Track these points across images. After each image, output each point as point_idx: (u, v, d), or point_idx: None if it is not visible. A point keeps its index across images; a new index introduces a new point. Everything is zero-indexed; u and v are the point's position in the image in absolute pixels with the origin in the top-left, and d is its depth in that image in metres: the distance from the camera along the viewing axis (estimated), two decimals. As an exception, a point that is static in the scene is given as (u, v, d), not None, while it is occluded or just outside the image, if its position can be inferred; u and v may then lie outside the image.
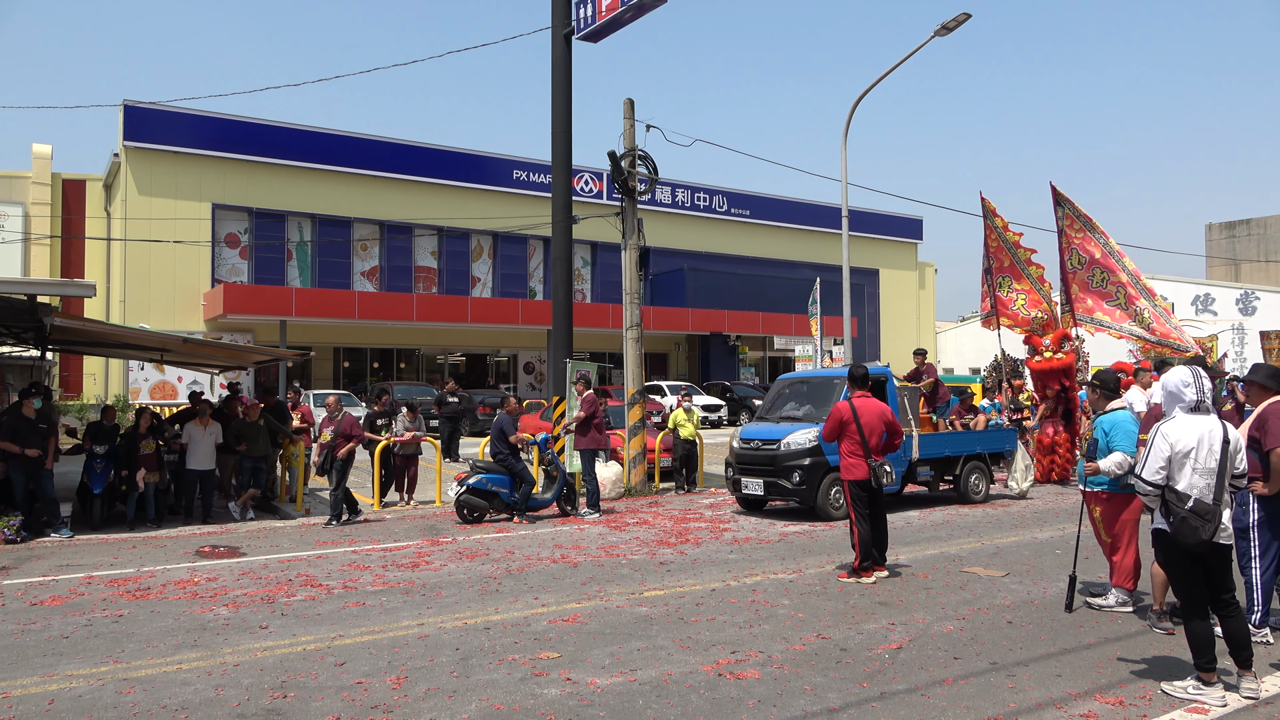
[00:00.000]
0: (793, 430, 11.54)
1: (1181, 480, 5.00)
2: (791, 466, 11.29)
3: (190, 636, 6.27)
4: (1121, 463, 6.49)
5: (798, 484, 11.22)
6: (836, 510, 11.14)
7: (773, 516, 11.83)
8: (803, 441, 11.34)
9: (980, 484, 12.97)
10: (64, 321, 11.76)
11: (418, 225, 32.75)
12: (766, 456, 11.57)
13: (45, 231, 30.08)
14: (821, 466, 11.26)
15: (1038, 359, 15.29)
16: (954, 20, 16.72)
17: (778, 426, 11.87)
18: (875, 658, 5.65)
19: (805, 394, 12.42)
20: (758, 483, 11.62)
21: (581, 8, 14.43)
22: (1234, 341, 35.89)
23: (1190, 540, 4.88)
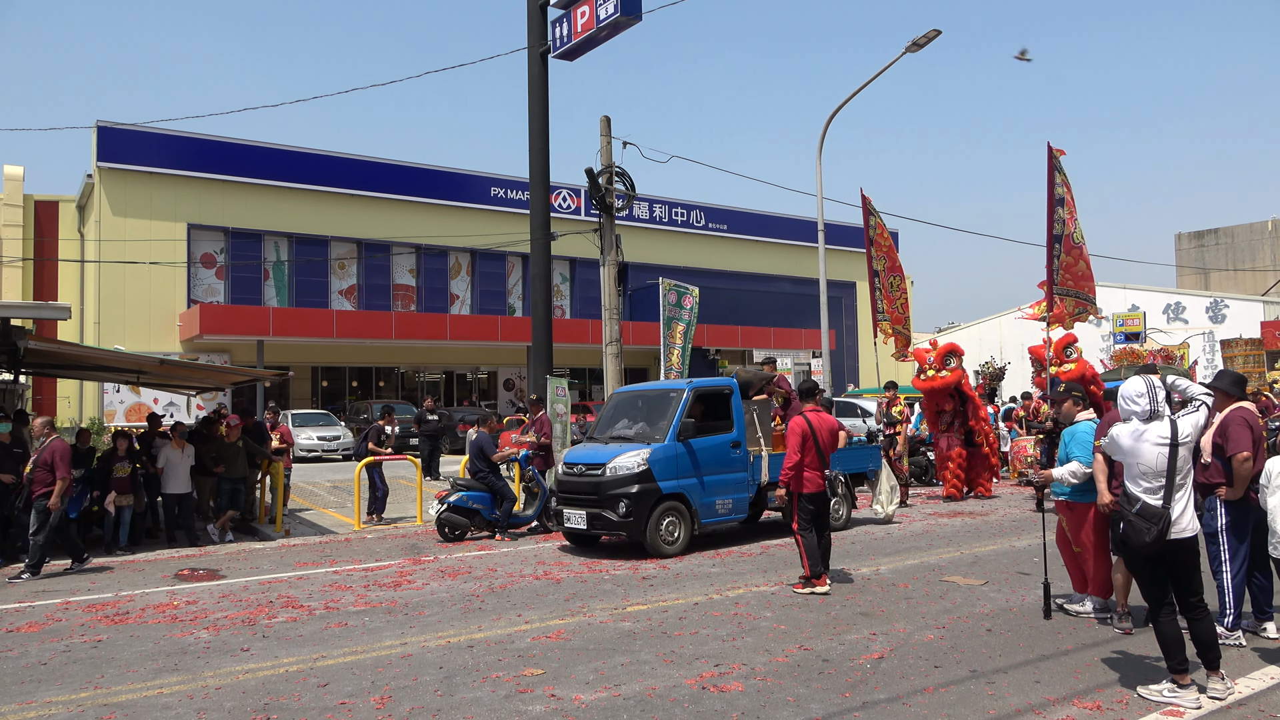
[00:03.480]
0: (619, 453, 10.00)
1: (1132, 484, 5.13)
2: (617, 495, 9.72)
3: (171, 660, 6.22)
4: (1076, 471, 6.60)
5: (624, 515, 9.68)
6: (670, 545, 9.82)
7: (754, 530, 11.86)
8: (630, 465, 9.85)
9: (840, 508, 11.40)
10: (38, 345, 11.67)
11: (395, 243, 32.67)
12: (590, 484, 9.99)
13: (17, 254, 29.73)
14: (651, 494, 9.78)
15: (922, 377, 14.61)
16: (924, 36, 16.99)
17: (606, 448, 10.35)
18: (857, 668, 5.70)
19: (640, 410, 10.82)
20: (581, 515, 10.08)
21: (557, 27, 14.54)
22: (1205, 349, 36.43)
23: (1137, 542, 5.03)
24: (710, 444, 10.35)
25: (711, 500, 10.26)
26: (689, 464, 10.10)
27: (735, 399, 10.73)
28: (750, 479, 10.68)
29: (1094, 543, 6.82)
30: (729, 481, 10.48)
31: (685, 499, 10.02)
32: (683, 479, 10.05)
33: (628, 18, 13.50)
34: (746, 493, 10.66)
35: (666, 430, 10.10)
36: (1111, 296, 40.32)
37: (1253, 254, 46.99)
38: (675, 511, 9.96)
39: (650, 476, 9.84)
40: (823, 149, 19.19)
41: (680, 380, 11.91)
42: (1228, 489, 5.97)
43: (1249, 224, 47.61)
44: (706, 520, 10.23)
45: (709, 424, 10.49)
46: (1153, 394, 5.16)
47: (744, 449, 10.58)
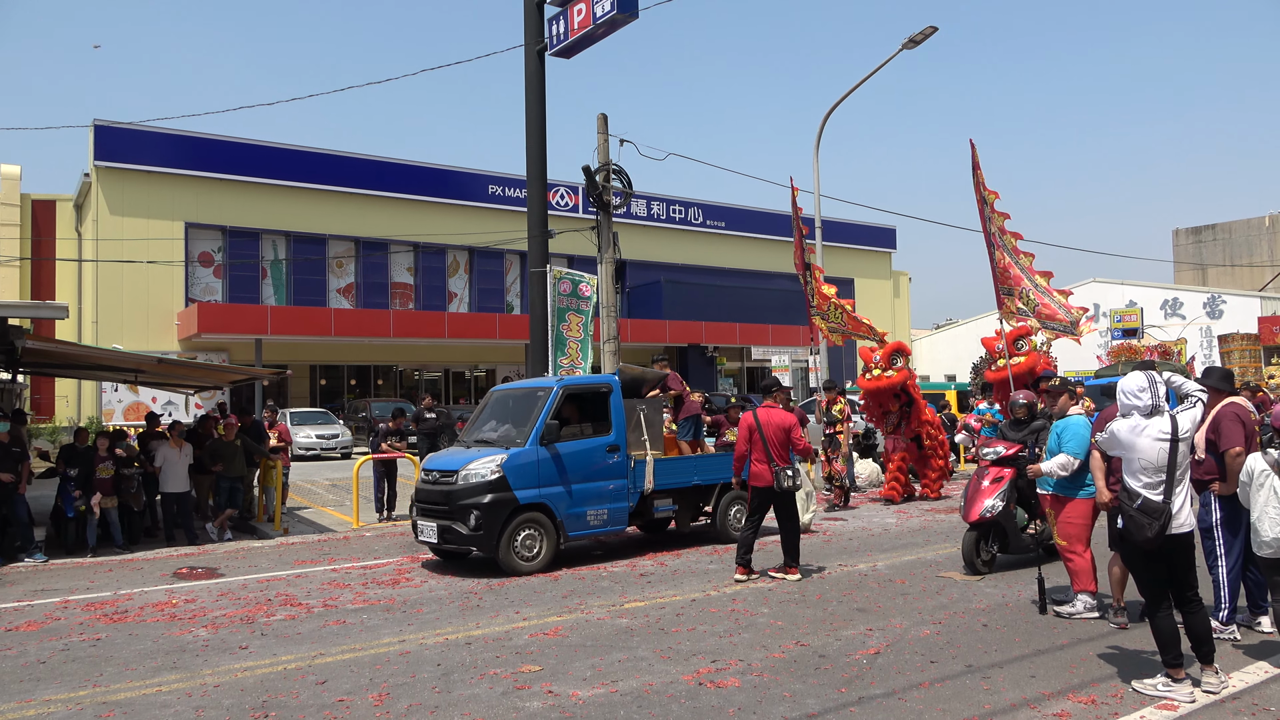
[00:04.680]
0: (475, 458, 9.12)
1: (1132, 480, 5.14)
2: (468, 505, 8.83)
3: (170, 658, 6.24)
4: (1065, 464, 6.63)
5: (474, 528, 8.76)
6: (527, 562, 8.94)
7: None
8: (483, 473, 8.93)
9: (743, 517, 10.10)
10: (36, 344, 11.68)
11: (393, 242, 32.66)
12: (442, 493, 9.09)
13: (15, 253, 29.72)
14: (506, 505, 8.86)
15: (867, 377, 14.12)
16: (921, 33, 17.00)
17: (465, 453, 9.43)
18: (853, 663, 5.73)
19: (509, 410, 9.99)
20: (433, 527, 9.15)
21: (554, 24, 14.52)
22: (1202, 344, 36.50)
23: (1138, 537, 5.03)
24: (582, 448, 9.46)
25: (581, 511, 9.34)
26: (553, 471, 9.17)
27: (615, 399, 9.78)
28: (631, 486, 9.72)
29: (1078, 537, 6.81)
30: (604, 490, 9.53)
31: (548, 509, 9.11)
32: (546, 487, 9.12)
33: (624, 15, 13.49)
34: (625, 502, 9.70)
35: (528, 433, 9.20)
36: (1109, 292, 40.43)
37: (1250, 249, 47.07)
38: (535, 523, 9.02)
39: (505, 485, 8.90)
40: (820, 146, 19.21)
41: (550, 378, 11.16)
42: (1221, 484, 6.00)
43: (1246, 219, 47.70)
44: (575, 533, 9.36)
45: (582, 426, 9.70)
46: (1154, 389, 5.17)
47: (623, 454, 9.70)
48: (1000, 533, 8.20)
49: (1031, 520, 8.39)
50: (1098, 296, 40.51)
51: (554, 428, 9.28)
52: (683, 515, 10.48)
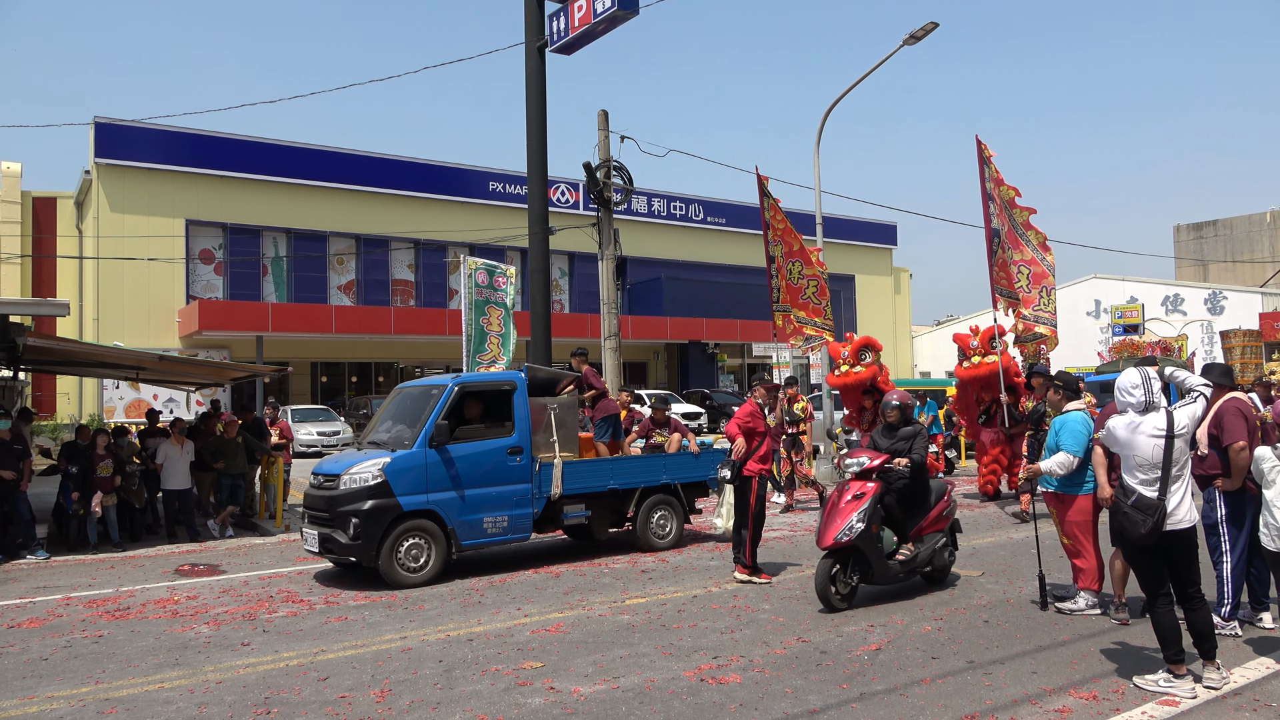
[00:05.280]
0: (358, 461, 8.57)
1: (1129, 476, 5.15)
2: (347, 513, 8.25)
3: (171, 655, 6.25)
4: (1064, 462, 6.61)
5: (353, 537, 8.17)
6: (413, 573, 8.35)
7: (753, 523, 11.88)
8: (364, 477, 8.33)
9: (667, 524, 10.04)
10: (37, 341, 11.69)
11: (394, 238, 32.66)
12: (325, 499, 8.52)
13: (16, 250, 29.73)
14: (388, 512, 8.27)
15: (836, 373, 13.75)
16: (922, 29, 16.96)
17: (353, 456, 8.93)
18: (855, 659, 5.73)
19: (405, 409, 9.35)
20: (315, 535, 8.58)
21: (555, 21, 14.52)
22: (1203, 340, 36.47)
23: (1132, 534, 5.05)
24: (478, 451, 8.81)
25: (477, 518, 8.71)
26: (444, 475, 8.57)
27: (519, 398, 9.16)
28: (536, 491, 9.07)
29: (1085, 535, 6.79)
30: (503, 495, 8.90)
31: (438, 517, 8.52)
32: (435, 493, 8.51)
33: (625, 11, 13.49)
34: (529, 508, 9.05)
35: (417, 435, 8.61)
36: (1110, 288, 40.39)
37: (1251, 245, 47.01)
38: (422, 532, 8.43)
39: (387, 490, 8.31)
40: (820, 142, 19.19)
41: (446, 375, 10.20)
42: (1225, 480, 6.00)
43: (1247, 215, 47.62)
44: (469, 541, 8.73)
45: (481, 427, 9.03)
46: (1148, 385, 5.17)
47: (527, 456, 9.07)
48: (862, 560, 7.01)
49: (902, 543, 7.39)
50: (1099, 293, 40.48)
51: (445, 428, 8.59)
52: (599, 522, 9.77)
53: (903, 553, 7.30)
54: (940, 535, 7.61)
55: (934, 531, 7.56)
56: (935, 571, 7.64)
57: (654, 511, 9.98)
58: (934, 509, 7.56)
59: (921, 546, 7.41)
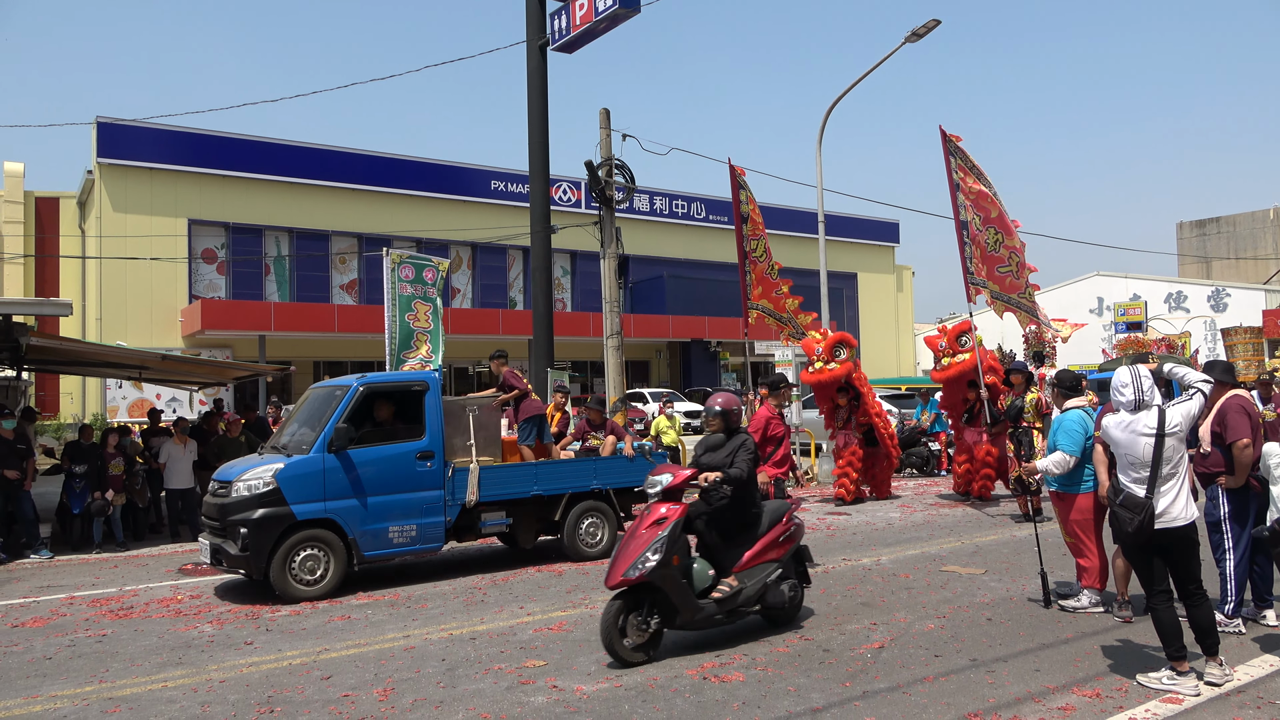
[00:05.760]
0: (251, 467, 8.15)
1: (1122, 474, 5.21)
2: (237, 522, 7.78)
3: (175, 654, 6.26)
4: (1059, 461, 6.62)
5: (242, 548, 7.71)
6: (308, 587, 7.86)
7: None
8: (255, 484, 7.88)
9: (598, 532, 9.51)
10: (40, 341, 11.70)
11: (396, 237, 32.63)
12: (217, 507, 8.08)
13: (19, 250, 29.76)
14: (280, 521, 7.80)
15: (810, 370, 13.53)
16: (924, 26, 16.96)
17: (250, 461, 8.57)
18: (858, 657, 5.73)
19: (312, 411, 8.74)
20: (207, 545, 8.15)
21: (556, 19, 14.53)
22: (1206, 337, 36.41)
23: (1121, 531, 5.14)
24: (383, 455, 8.37)
25: (382, 527, 8.27)
26: (344, 482, 8.12)
27: (431, 399, 8.69)
28: (449, 498, 8.63)
29: (1087, 534, 6.78)
30: (412, 502, 8.43)
31: (337, 526, 8.07)
32: (334, 500, 8.05)
33: (626, 10, 13.50)
34: (441, 516, 8.58)
35: (315, 439, 8.18)
36: (1113, 286, 40.32)
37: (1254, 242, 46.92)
38: (319, 543, 7.96)
39: (280, 498, 7.84)
40: (822, 140, 19.18)
41: (351, 376, 9.48)
42: (1228, 477, 5.99)
43: (1250, 212, 47.52)
44: (373, 552, 8.25)
45: (389, 430, 8.64)
46: (1138, 383, 5.20)
47: (440, 461, 8.62)
48: (663, 599, 5.77)
49: (722, 577, 6.15)
50: (1101, 290, 40.43)
51: (344, 432, 8.08)
52: (523, 530, 9.27)
53: (720, 589, 6.06)
54: (774, 566, 6.32)
55: (765, 562, 6.28)
56: (771, 610, 6.33)
57: (583, 519, 9.43)
58: (765, 535, 6.33)
59: (747, 580, 6.16)
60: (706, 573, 6.13)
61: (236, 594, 8.23)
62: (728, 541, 6.27)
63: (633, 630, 5.70)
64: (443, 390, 9.00)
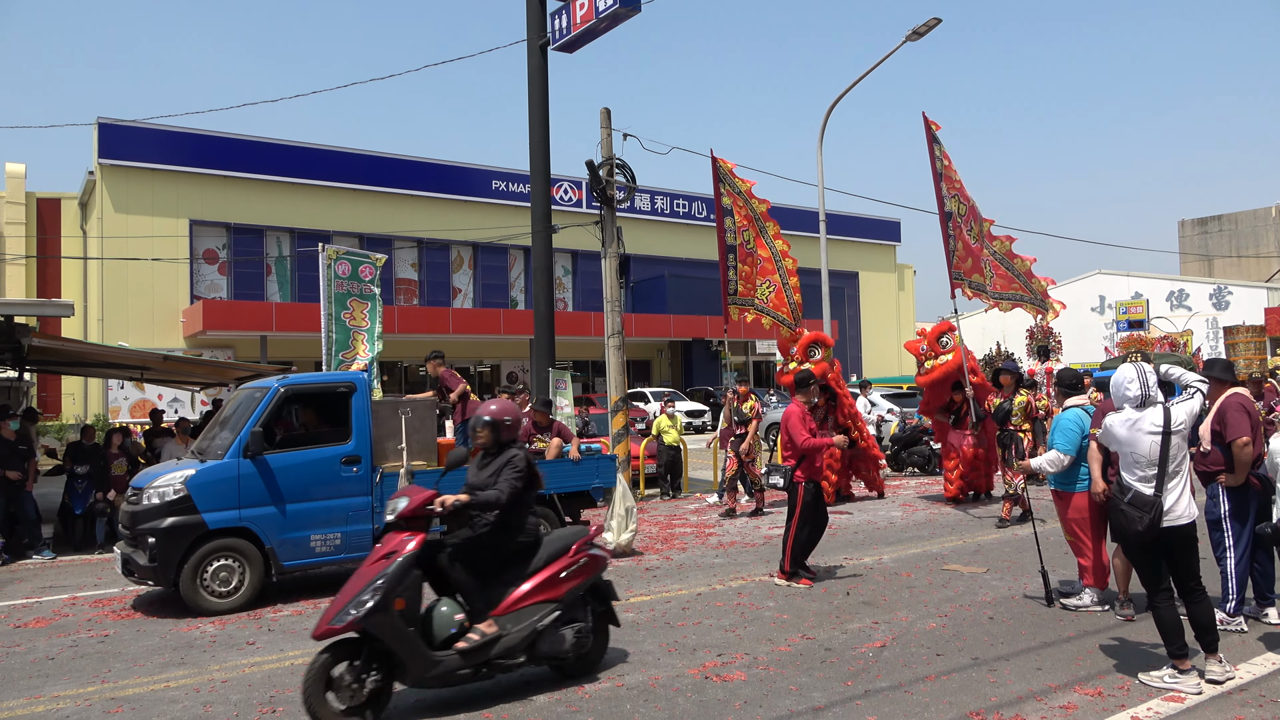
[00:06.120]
0: (163, 473, 7.77)
1: (1127, 473, 5.15)
2: (145, 531, 7.40)
3: (177, 654, 6.26)
4: (1054, 460, 6.62)
5: (150, 559, 7.31)
6: (221, 599, 7.45)
7: (758, 520, 11.89)
8: (165, 492, 7.50)
9: None
10: (42, 341, 11.71)
11: (397, 237, 32.67)
12: (129, 514, 7.68)
13: (20, 251, 29.79)
14: (190, 530, 7.41)
15: (785, 371, 13.29)
16: (925, 25, 16.94)
17: (171, 466, 8.15)
18: (859, 656, 5.73)
19: (234, 414, 8.27)
20: (119, 555, 7.80)
21: (557, 19, 14.52)
22: (1209, 336, 36.38)
23: (1130, 530, 5.06)
24: (305, 461, 7.97)
25: (303, 535, 7.87)
26: (261, 488, 7.72)
27: (359, 401, 8.24)
28: (377, 505, 8.17)
29: (1085, 532, 6.78)
30: (336, 509, 8.02)
31: (253, 535, 7.68)
32: (250, 508, 7.67)
33: (626, 9, 13.48)
34: (368, 523, 8.16)
35: (230, 443, 7.78)
36: (1115, 284, 40.32)
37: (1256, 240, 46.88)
38: (234, 552, 7.56)
39: (190, 506, 7.46)
40: (824, 139, 19.16)
41: (271, 378, 8.82)
42: (1228, 475, 5.98)
43: (1252, 210, 47.49)
44: (293, 562, 7.86)
45: (313, 434, 8.30)
46: (1143, 380, 5.17)
47: (366, 467, 8.20)
48: (382, 652, 4.76)
49: (476, 622, 5.06)
50: (1103, 289, 40.42)
51: (260, 436, 7.69)
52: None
53: (469, 637, 4.98)
54: (550, 607, 5.22)
55: (539, 603, 5.20)
56: (548, 659, 5.24)
57: None
58: (541, 571, 5.29)
59: (510, 626, 5.10)
60: (453, 617, 5.03)
61: (238, 594, 8.23)
62: (485, 579, 5.19)
63: (344, 690, 4.66)
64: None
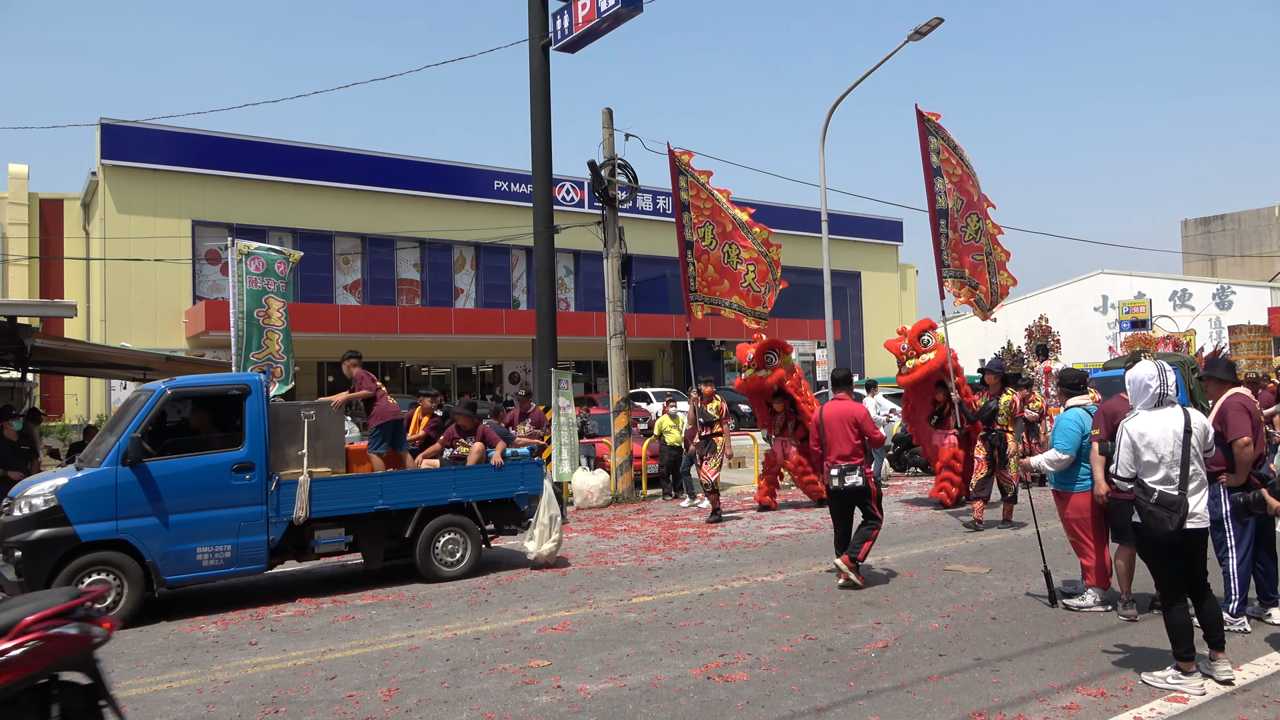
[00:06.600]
0: (36, 482, 7.42)
1: (1149, 474, 5.08)
2: (13, 544, 6.98)
3: (180, 655, 6.27)
4: (1053, 459, 6.62)
5: (18, 574, 6.92)
6: None
7: (759, 521, 11.89)
8: (34, 502, 7.08)
9: (458, 549, 8.64)
10: (45, 342, 11.74)
11: (399, 238, 32.70)
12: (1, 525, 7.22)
13: (23, 252, 29.84)
14: (60, 543, 7.00)
15: (743, 377, 13.05)
16: (927, 25, 16.92)
17: (46, 475, 7.77)
18: (862, 657, 5.72)
19: (118, 419, 7.82)
20: None
21: (558, 19, 14.52)
22: (1212, 336, 36.33)
23: (1159, 531, 4.99)
24: (191, 468, 7.53)
25: (188, 548, 7.42)
26: (141, 497, 7.27)
27: (254, 404, 7.78)
28: (274, 515, 7.76)
29: (1086, 532, 6.76)
30: (226, 520, 7.58)
31: (132, 548, 7.24)
32: (128, 519, 7.22)
33: (628, 9, 13.48)
34: (263, 534, 7.72)
35: (108, 450, 7.37)
36: (1117, 284, 40.27)
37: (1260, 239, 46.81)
38: (110, 566, 7.12)
39: (61, 518, 7.02)
40: (826, 138, 19.16)
41: (158, 381, 8.09)
42: (1229, 475, 5.98)
43: (1256, 209, 47.42)
44: (177, 576, 7.41)
45: (200, 439, 7.84)
46: (1163, 377, 5.14)
47: (261, 473, 7.75)
48: None
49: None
50: (1106, 288, 40.37)
51: (139, 442, 7.26)
52: (368, 548, 8.43)
53: None
54: None
55: None
56: None
57: (440, 535, 8.57)
58: None
59: None
60: None
61: (240, 594, 8.25)
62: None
63: None
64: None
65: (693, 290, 13.66)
